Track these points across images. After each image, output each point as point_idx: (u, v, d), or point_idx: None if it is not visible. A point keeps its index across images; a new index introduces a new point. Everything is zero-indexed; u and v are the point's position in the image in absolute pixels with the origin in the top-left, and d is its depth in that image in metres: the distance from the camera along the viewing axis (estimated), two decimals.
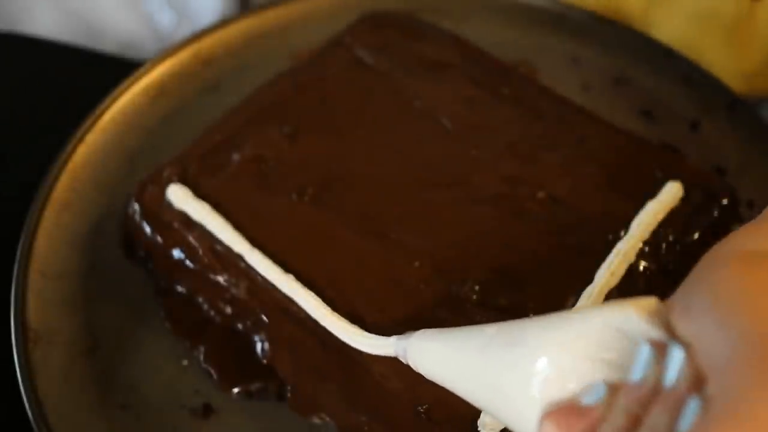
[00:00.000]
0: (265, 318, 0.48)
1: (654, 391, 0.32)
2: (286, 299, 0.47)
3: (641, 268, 0.48)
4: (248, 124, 0.53)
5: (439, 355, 0.40)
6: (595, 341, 0.34)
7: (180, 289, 0.51)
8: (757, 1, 0.60)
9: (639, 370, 0.33)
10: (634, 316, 0.34)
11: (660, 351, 0.33)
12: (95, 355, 0.50)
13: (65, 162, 0.55)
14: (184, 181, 0.51)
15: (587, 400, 0.33)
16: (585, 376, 0.34)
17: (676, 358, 0.32)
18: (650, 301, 0.34)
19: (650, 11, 0.63)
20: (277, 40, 0.62)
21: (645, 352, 0.33)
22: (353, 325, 0.45)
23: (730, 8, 0.61)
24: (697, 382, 0.31)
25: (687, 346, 0.32)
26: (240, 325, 0.49)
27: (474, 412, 0.42)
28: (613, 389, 0.33)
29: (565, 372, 0.34)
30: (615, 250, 0.48)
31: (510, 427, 0.37)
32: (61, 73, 0.65)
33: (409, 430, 0.44)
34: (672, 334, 0.33)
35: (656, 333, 0.33)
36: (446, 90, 0.55)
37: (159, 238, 0.50)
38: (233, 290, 0.48)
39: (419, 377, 0.42)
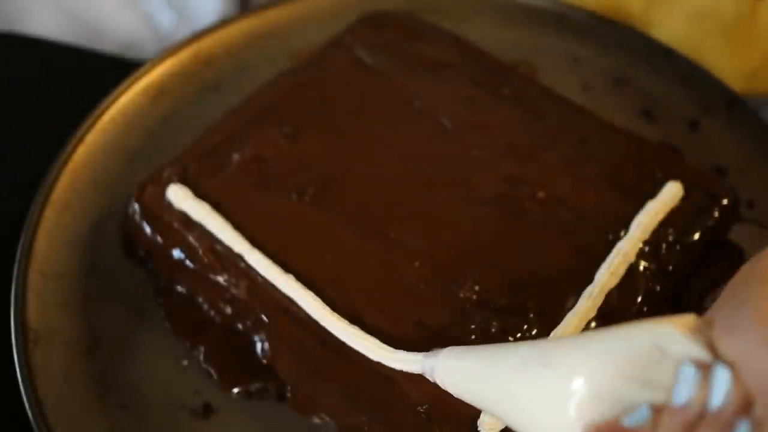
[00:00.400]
0: (265, 318, 0.48)
1: (699, 413, 0.31)
2: (286, 299, 0.47)
3: (641, 268, 0.48)
4: (248, 124, 0.53)
5: (469, 374, 0.39)
6: (633, 360, 0.33)
7: (180, 289, 0.51)
8: (759, 0, 0.60)
9: (683, 391, 0.32)
10: (674, 334, 0.32)
11: (704, 371, 0.32)
12: (95, 355, 0.50)
13: (65, 162, 0.55)
14: (184, 181, 0.51)
15: (629, 421, 0.32)
16: (624, 397, 0.33)
17: (722, 378, 0.31)
18: (689, 319, 0.33)
19: (651, 11, 0.63)
20: (277, 40, 0.62)
21: (688, 373, 0.32)
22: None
23: (732, 8, 0.61)
24: (744, 404, 0.31)
25: (731, 366, 0.31)
26: (240, 325, 0.49)
27: (474, 412, 0.42)
28: (656, 411, 0.32)
29: (603, 392, 0.33)
30: (615, 250, 0.48)
31: None
32: (61, 73, 0.65)
33: (409, 430, 0.44)
34: (715, 353, 0.32)
35: (699, 352, 0.32)
36: (446, 90, 0.55)
37: (159, 238, 0.50)
38: (233, 290, 0.48)
39: (420, 377, 0.42)
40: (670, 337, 0.32)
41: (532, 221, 0.49)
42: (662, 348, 0.33)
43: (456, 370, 0.40)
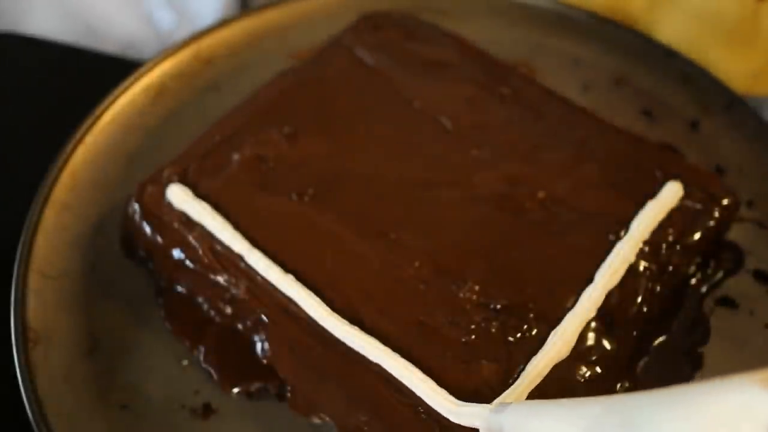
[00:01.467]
0: (265, 318, 0.48)
1: None
2: (286, 299, 0.47)
3: (641, 268, 0.48)
4: (248, 124, 0.53)
5: None
6: (719, 422, 0.30)
7: (180, 289, 0.51)
8: (762, 1, 0.60)
9: None
10: (762, 394, 0.30)
11: None
12: (95, 355, 0.50)
13: (65, 162, 0.55)
14: (184, 181, 0.51)
15: None
16: None
17: None
18: None
19: (654, 12, 0.63)
20: (277, 40, 0.62)
21: None
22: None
23: (734, 9, 0.61)
24: None
25: None
26: (240, 325, 0.49)
27: None
28: None
29: None
30: (615, 250, 0.48)
31: None
32: (61, 73, 0.65)
33: (409, 430, 0.44)
34: None
35: None
36: (446, 90, 0.55)
37: (159, 238, 0.50)
38: (233, 290, 0.48)
39: None
40: (758, 397, 0.30)
41: (532, 221, 0.49)
42: (750, 408, 0.30)
43: (527, 428, 0.38)
